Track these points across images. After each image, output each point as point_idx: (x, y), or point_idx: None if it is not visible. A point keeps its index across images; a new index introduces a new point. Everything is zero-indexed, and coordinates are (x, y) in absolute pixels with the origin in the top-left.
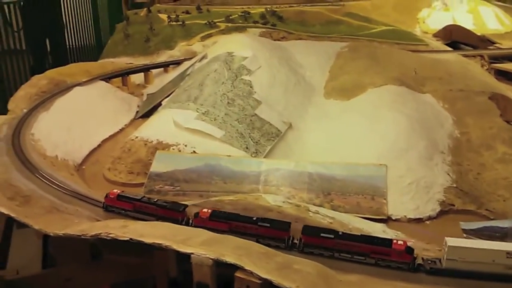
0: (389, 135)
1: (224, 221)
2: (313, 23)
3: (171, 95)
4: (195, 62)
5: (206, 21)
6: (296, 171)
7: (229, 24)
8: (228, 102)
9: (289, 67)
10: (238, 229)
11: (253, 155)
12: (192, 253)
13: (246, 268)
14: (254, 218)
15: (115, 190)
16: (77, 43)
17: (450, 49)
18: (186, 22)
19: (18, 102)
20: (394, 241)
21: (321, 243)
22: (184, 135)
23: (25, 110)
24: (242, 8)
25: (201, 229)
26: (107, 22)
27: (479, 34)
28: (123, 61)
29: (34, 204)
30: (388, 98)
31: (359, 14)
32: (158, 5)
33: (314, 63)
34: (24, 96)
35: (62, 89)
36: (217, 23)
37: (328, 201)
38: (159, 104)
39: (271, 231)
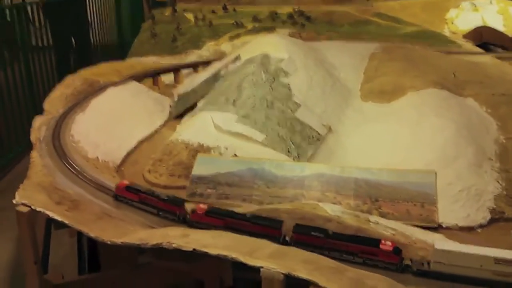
0: (437, 141)
1: (220, 217)
2: (342, 23)
3: (206, 97)
4: (227, 63)
5: (233, 21)
6: (341, 177)
7: (257, 24)
8: (268, 105)
9: (324, 69)
10: (233, 225)
11: (295, 159)
12: (262, 267)
13: (321, 284)
14: (248, 216)
15: (124, 181)
16: (101, 41)
17: (482, 51)
18: (213, 22)
19: (54, 102)
20: (382, 241)
21: (311, 242)
22: (225, 138)
23: (61, 111)
24: (269, 8)
25: (264, 240)
26: (128, 20)
27: (510, 35)
28: (151, 60)
29: (83, 210)
30: (432, 102)
31: (387, 14)
32: (183, 4)
33: (347, 64)
34: (60, 96)
35: (96, 89)
36: (244, 23)
37: (376, 207)
38: (193, 105)
39: (264, 228)
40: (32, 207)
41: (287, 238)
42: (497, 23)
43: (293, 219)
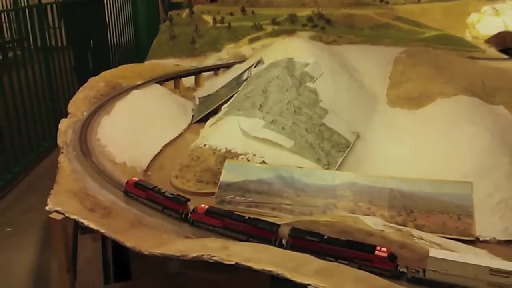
0: (472, 151)
1: (219, 218)
2: (362, 27)
3: (230, 101)
4: (250, 67)
5: (252, 24)
6: (375, 187)
7: (276, 27)
8: (295, 111)
9: (349, 74)
10: (231, 226)
11: (325, 167)
12: (309, 284)
13: None
14: (246, 218)
15: (134, 178)
16: (117, 41)
17: (506, 56)
18: (232, 24)
19: (78, 105)
20: (378, 247)
21: (307, 246)
22: (253, 144)
23: (85, 113)
24: (288, 10)
25: (308, 255)
26: (144, 21)
27: None
28: (170, 63)
29: (116, 217)
30: (464, 110)
31: (408, 18)
32: (200, 6)
33: (371, 69)
34: (84, 98)
35: (119, 92)
36: (263, 26)
37: (412, 219)
38: (215, 109)
39: (259, 231)
40: (66, 214)
41: (283, 242)
42: None
43: (333, 233)
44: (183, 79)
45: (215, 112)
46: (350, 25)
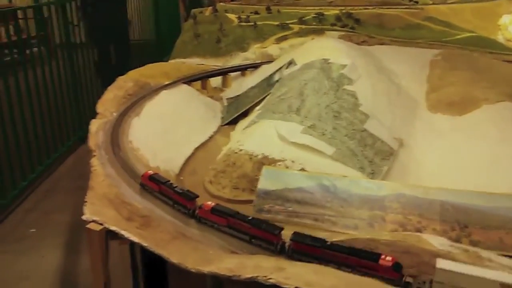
0: None
1: (224, 217)
2: (392, 27)
3: (263, 103)
4: (281, 68)
5: (278, 23)
6: (424, 198)
7: (303, 26)
8: (334, 115)
9: (386, 76)
10: (235, 226)
11: (369, 176)
12: None
13: None
14: (250, 218)
15: (150, 171)
16: (139, 38)
17: None
18: (257, 23)
19: (107, 105)
20: (382, 256)
21: (308, 251)
22: (291, 150)
23: (114, 114)
24: (314, 9)
25: (372, 280)
26: (165, 18)
27: None
28: (195, 62)
29: (156, 227)
30: (510, 117)
31: (438, 18)
32: (223, 4)
33: (407, 72)
34: (113, 99)
35: (148, 92)
36: (290, 25)
37: (466, 235)
38: (245, 111)
39: (262, 233)
40: (105, 225)
41: (286, 246)
42: None
43: (395, 253)
44: (211, 79)
45: (245, 114)
46: (380, 25)
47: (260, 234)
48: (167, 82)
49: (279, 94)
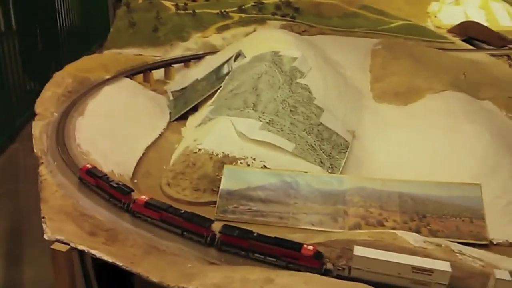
0: (477, 151)
1: (157, 210)
2: (330, 16)
3: (215, 97)
4: (229, 60)
5: (217, 11)
6: (384, 191)
7: (243, 15)
8: (291, 110)
9: (333, 67)
10: (168, 219)
11: (329, 171)
12: None
13: None
14: (182, 212)
15: (87, 165)
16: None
17: (471, 47)
18: (196, 11)
19: (47, 104)
20: (304, 245)
21: (236, 243)
22: (251, 147)
23: (55, 114)
24: None
25: (360, 284)
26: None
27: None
28: (132, 52)
29: (124, 241)
30: (457, 107)
31: (373, 7)
32: None
33: (351, 62)
34: (52, 97)
35: (89, 88)
36: (230, 13)
37: (425, 224)
38: (195, 106)
39: (193, 225)
40: (72, 244)
41: (216, 238)
42: (480, 18)
43: None
44: (152, 71)
45: (194, 108)
46: (319, 14)
47: (191, 227)
48: (108, 77)
49: (231, 88)
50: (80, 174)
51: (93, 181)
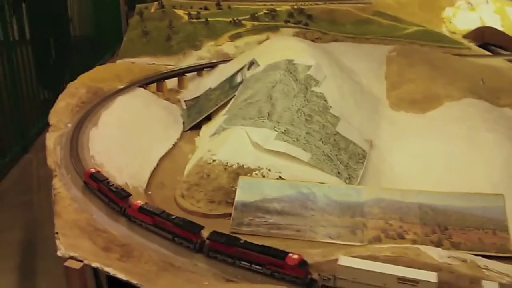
0: (497, 160)
1: (150, 215)
2: (343, 22)
3: (229, 107)
4: (243, 68)
5: (230, 19)
6: (404, 202)
7: (256, 23)
8: (306, 119)
9: (348, 75)
10: (160, 224)
11: (347, 181)
12: None
13: None
14: (173, 217)
15: (91, 169)
16: (79, 33)
17: (488, 53)
18: (209, 20)
19: (61, 115)
20: (290, 254)
21: (224, 250)
22: (266, 158)
23: (69, 125)
24: (265, 4)
25: None
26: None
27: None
28: (145, 61)
29: (139, 258)
30: (476, 115)
31: (387, 13)
32: None
33: (366, 69)
34: (66, 107)
35: (102, 98)
36: (243, 21)
37: (447, 237)
38: (208, 115)
39: (183, 231)
40: (85, 261)
41: (204, 245)
42: (495, 23)
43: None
44: (165, 80)
45: (208, 117)
46: (332, 21)
47: (181, 233)
48: (121, 86)
49: (245, 97)
50: (85, 178)
51: (96, 185)
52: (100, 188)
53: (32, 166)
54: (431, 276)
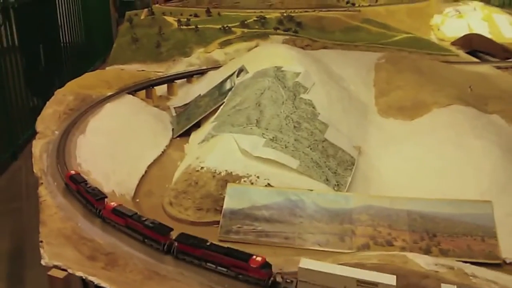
0: (485, 166)
1: (122, 217)
2: (333, 30)
3: (218, 114)
4: (232, 75)
5: (220, 26)
6: (392, 209)
7: (246, 30)
8: (295, 126)
9: (336, 82)
10: (131, 226)
11: (335, 188)
12: None
13: None
14: (144, 219)
15: (71, 171)
16: (69, 41)
17: (476, 60)
18: (199, 27)
19: (48, 122)
20: (253, 256)
21: (191, 251)
22: (255, 165)
23: (56, 132)
24: (255, 12)
25: None
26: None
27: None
28: (134, 68)
29: (124, 266)
30: (465, 122)
31: (376, 20)
32: (159, 6)
33: (354, 76)
34: (53, 115)
35: (91, 105)
36: (232, 28)
37: (435, 244)
38: (197, 122)
39: (153, 233)
40: (69, 270)
41: (173, 247)
42: (483, 30)
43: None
44: (155, 87)
45: (197, 124)
46: (321, 28)
47: (151, 235)
48: (110, 93)
49: (234, 104)
50: (65, 179)
51: (75, 187)
52: (78, 189)
53: (21, 173)
54: (390, 279)
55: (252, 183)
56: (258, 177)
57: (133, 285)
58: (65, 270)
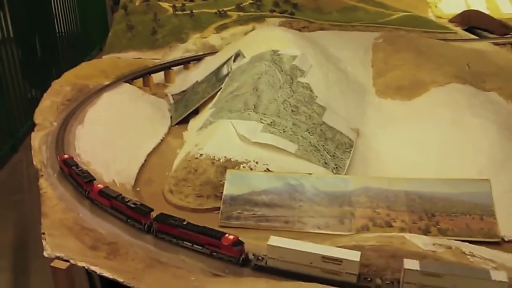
0: (483, 145)
1: (108, 198)
2: (329, 10)
3: (215, 100)
4: (229, 60)
5: (215, 10)
6: (391, 190)
7: (241, 13)
8: (293, 110)
9: (334, 64)
10: (116, 207)
11: (334, 171)
12: None
13: None
14: (127, 200)
15: (65, 155)
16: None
17: (474, 37)
18: (194, 11)
19: (46, 114)
20: (226, 234)
21: (169, 231)
22: (253, 150)
23: (55, 123)
24: None
25: None
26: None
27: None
28: (131, 56)
29: (126, 255)
30: (463, 100)
31: None
32: None
33: (352, 57)
34: (51, 106)
35: (88, 95)
36: (228, 12)
37: (434, 224)
38: (196, 108)
39: (134, 214)
40: (72, 261)
41: (152, 227)
42: (481, 6)
43: (383, 258)
44: (152, 75)
45: (195, 111)
46: (317, 9)
47: (133, 215)
48: (107, 83)
49: (232, 89)
50: (60, 164)
51: (67, 170)
52: (70, 172)
53: (22, 166)
54: (354, 255)
55: (251, 169)
56: (257, 162)
57: (135, 274)
58: (68, 261)
